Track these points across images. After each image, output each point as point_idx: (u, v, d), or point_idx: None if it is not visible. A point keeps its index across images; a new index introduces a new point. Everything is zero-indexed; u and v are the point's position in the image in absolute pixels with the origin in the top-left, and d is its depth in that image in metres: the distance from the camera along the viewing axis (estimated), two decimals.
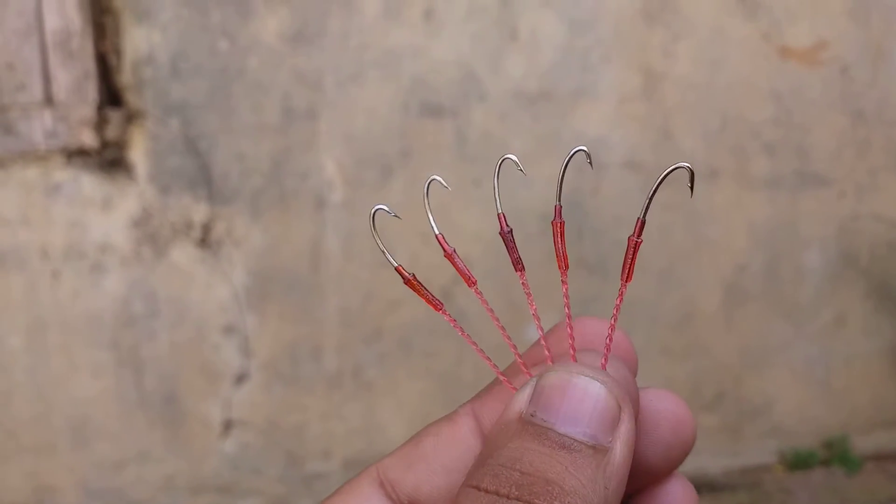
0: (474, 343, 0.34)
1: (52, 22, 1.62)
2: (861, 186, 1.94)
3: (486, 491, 0.28)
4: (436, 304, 0.34)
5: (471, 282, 0.34)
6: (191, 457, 1.85)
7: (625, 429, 0.30)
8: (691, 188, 0.34)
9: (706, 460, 2.01)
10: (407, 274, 0.34)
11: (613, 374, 0.31)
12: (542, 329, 0.33)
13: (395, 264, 0.33)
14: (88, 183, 1.69)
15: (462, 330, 0.34)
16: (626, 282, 0.33)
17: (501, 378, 0.34)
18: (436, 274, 1.65)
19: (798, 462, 2.02)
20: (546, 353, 0.33)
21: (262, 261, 1.77)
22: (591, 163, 0.34)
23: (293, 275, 1.79)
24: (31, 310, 1.73)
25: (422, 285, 0.34)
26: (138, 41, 1.66)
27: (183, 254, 1.75)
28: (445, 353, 1.86)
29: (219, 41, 1.68)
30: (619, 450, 0.29)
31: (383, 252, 0.33)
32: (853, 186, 1.94)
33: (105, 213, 1.71)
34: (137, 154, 1.70)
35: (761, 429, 2.04)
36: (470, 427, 0.33)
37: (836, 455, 2.03)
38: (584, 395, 0.30)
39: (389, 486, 0.32)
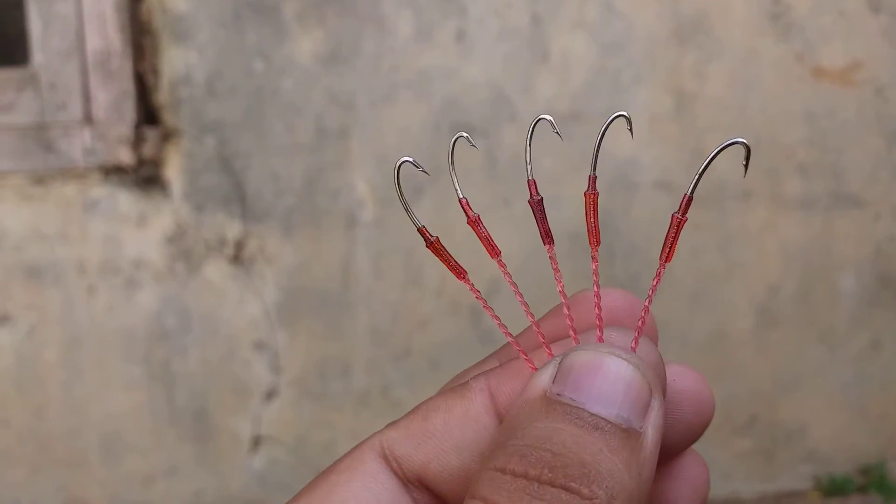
0: (496, 316, 0.32)
1: (93, 43, 1.66)
2: None
3: (514, 474, 0.25)
4: (459, 272, 0.32)
5: (494, 252, 0.32)
6: (220, 472, 1.86)
7: (656, 414, 0.28)
8: (745, 165, 0.32)
9: (739, 485, 1.98)
10: (430, 236, 0.32)
11: (644, 356, 0.30)
12: (568, 307, 0.31)
13: (419, 225, 0.32)
14: (124, 200, 1.72)
15: (485, 302, 0.32)
16: (667, 261, 0.31)
17: (521, 354, 0.31)
18: (467, 296, 1.65)
19: (834, 488, 1.98)
20: (570, 329, 0.31)
21: (294, 278, 1.79)
22: (630, 129, 0.32)
23: (324, 292, 1.80)
24: (66, 324, 1.76)
25: (445, 250, 0.32)
26: (176, 61, 1.69)
27: (216, 270, 1.77)
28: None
29: (254, 62, 1.71)
30: (651, 435, 0.27)
31: (406, 210, 0.32)
32: (889, 208, 1.91)
33: (140, 229, 1.74)
34: (173, 172, 1.72)
35: (796, 454, 2.00)
36: (484, 404, 0.30)
37: (872, 481, 1.99)
38: (616, 377, 0.28)
39: (395, 462, 0.30)
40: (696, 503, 0.33)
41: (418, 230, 0.32)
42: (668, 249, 0.32)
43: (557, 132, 0.33)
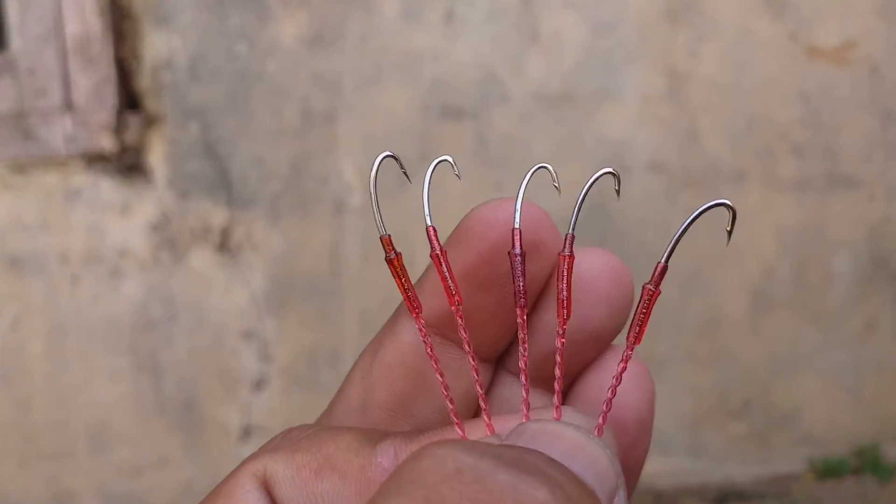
0: (440, 371, 0.26)
1: (72, 27, 1.62)
2: (892, 189, 1.90)
3: None
4: (412, 305, 0.27)
5: (454, 299, 0.26)
6: (209, 462, 1.84)
7: None
8: (729, 232, 0.28)
9: (734, 468, 1.97)
10: (393, 251, 0.27)
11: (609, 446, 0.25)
12: (527, 386, 0.26)
13: (383, 233, 0.27)
14: (107, 188, 1.69)
15: (431, 348, 0.27)
16: (636, 343, 0.26)
17: (455, 421, 0.26)
18: None
19: (828, 470, 1.98)
20: (523, 398, 0.26)
21: (281, 265, 1.76)
22: (618, 190, 0.28)
23: (312, 279, 1.78)
24: (50, 315, 1.73)
25: (404, 271, 0.27)
26: (157, 46, 1.65)
27: (202, 259, 1.74)
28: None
29: (237, 45, 1.67)
30: None
31: (376, 213, 0.27)
32: (884, 189, 1.89)
33: (124, 217, 1.71)
34: (156, 158, 1.69)
35: (790, 437, 2.00)
36: (387, 475, 0.24)
37: (867, 463, 1.99)
38: (580, 449, 0.23)
39: (275, 499, 0.26)
40: (639, 395, 0.28)
41: (380, 238, 0.27)
42: (637, 328, 0.26)
43: (556, 185, 0.29)
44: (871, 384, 2.00)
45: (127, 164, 1.69)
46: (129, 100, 1.68)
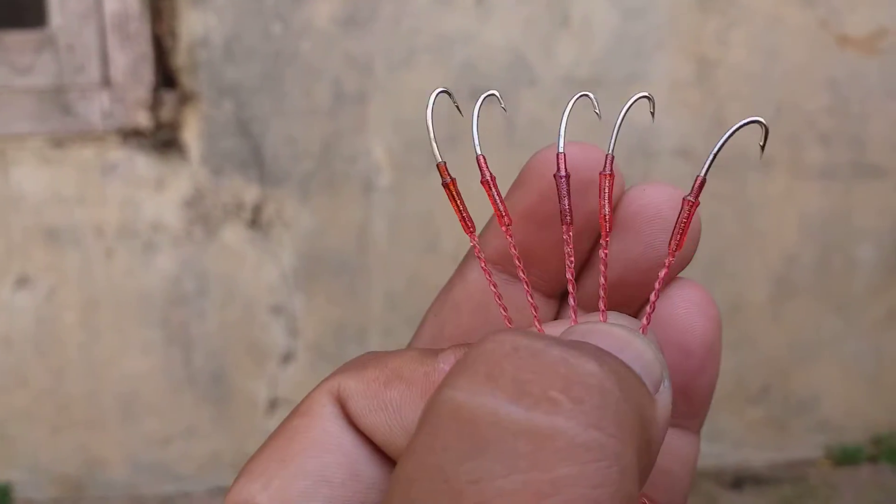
0: (494, 284, 0.29)
1: (111, 5, 1.65)
2: None
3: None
4: (467, 225, 0.29)
5: (503, 221, 0.28)
6: (236, 434, 1.88)
7: (665, 397, 0.24)
8: (762, 146, 0.28)
9: (751, 453, 1.99)
10: (448, 175, 0.29)
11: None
12: (574, 296, 0.28)
13: (441, 160, 0.29)
14: (142, 163, 1.72)
15: (486, 264, 0.29)
16: (677, 250, 0.27)
17: (504, 316, 0.28)
18: None
19: (845, 457, 1.99)
20: (572, 311, 0.27)
21: (311, 243, 1.79)
22: (653, 113, 0.30)
23: (340, 257, 1.81)
24: (85, 287, 1.77)
25: (460, 195, 0.29)
26: (194, 24, 1.68)
27: (233, 234, 1.77)
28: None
29: (272, 25, 1.70)
30: (660, 409, 0.24)
31: (432, 140, 0.29)
32: None
33: (158, 192, 1.74)
34: (190, 135, 1.72)
35: (808, 423, 2.01)
36: None
37: (884, 451, 2.00)
38: (627, 343, 0.24)
39: (348, 412, 0.27)
40: (704, 320, 0.29)
41: (437, 166, 0.29)
42: (678, 237, 0.27)
43: (598, 112, 0.30)
44: (891, 373, 2.01)
45: (162, 140, 1.72)
46: (165, 77, 1.71)
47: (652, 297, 0.27)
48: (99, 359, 1.81)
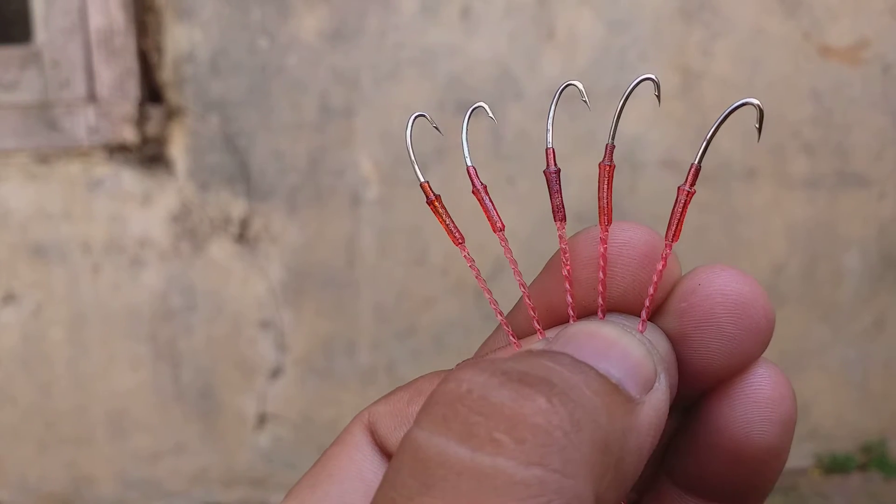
0: (488, 290, 0.30)
1: (96, 20, 1.65)
2: None
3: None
4: (455, 238, 0.30)
5: (496, 227, 0.29)
6: (225, 450, 1.87)
7: (659, 396, 0.24)
8: (759, 128, 0.28)
9: None
10: (432, 193, 0.30)
11: (653, 340, 0.27)
12: (572, 293, 0.28)
13: (423, 180, 0.30)
14: (129, 178, 1.72)
15: (478, 272, 0.30)
16: (674, 241, 0.27)
17: (507, 332, 0.29)
18: (471, 274, 1.65)
19: (835, 466, 2.00)
20: (570, 307, 0.28)
21: (299, 257, 1.79)
22: (658, 96, 0.30)
23: (329, 271, 1.80)
24: (72, 303, 1.76)
25: (446, 211, 0.30)
26: (179, 39, 1.68)
27: (221, 249, 1.77)
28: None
29: (258, 39, 1.70)
30: (647, 413, 0.24)
31: (413, 163, 0.30)
32: (894, 187, 1.91)
33: (145, 208, 1.74)
34: (177, 150, 1.72)
35: (798, 432, 2.00)
36: None
37: (873, 459, 2.00)
38: (612, 344, 0.25)
39: (377, 436, 0.29)
40: (776, 424, 0.29)
41: (420, 185, 0.30)
42: (675, 227, 0.28)
43: (585, 101, 0.30)
44: (879, 381, 2.01)
45: (148, 155, 1.72)
46: (151, 92, 1.71)
47: (650, 291, 0.28)
48: (86, 375, 1.80)
